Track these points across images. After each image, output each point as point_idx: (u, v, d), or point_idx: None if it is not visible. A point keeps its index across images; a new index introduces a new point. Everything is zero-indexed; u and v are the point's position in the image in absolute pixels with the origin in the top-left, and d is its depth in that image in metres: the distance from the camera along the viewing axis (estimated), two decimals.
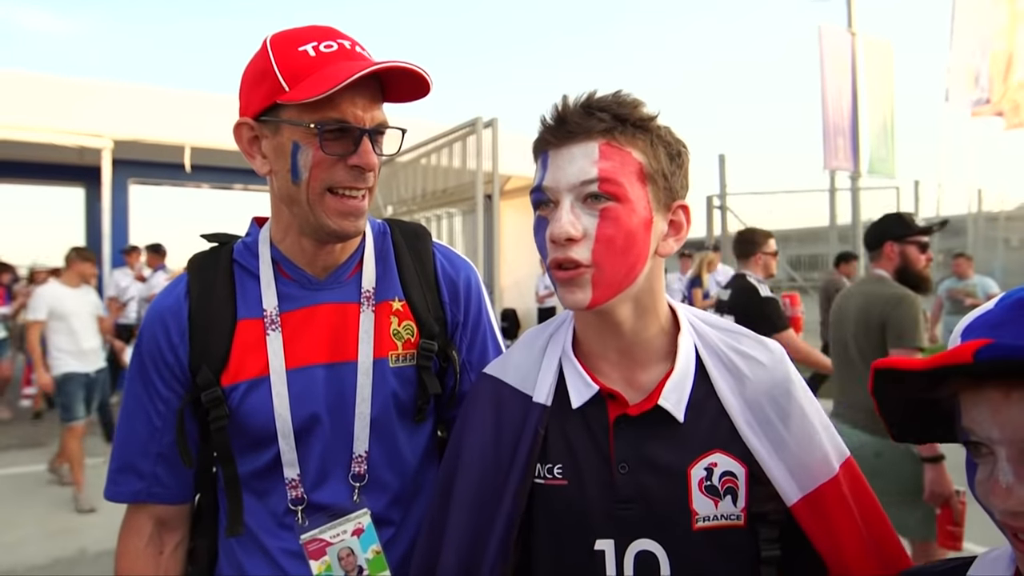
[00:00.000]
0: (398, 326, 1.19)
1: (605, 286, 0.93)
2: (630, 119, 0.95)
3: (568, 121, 0.94)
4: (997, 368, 0.64)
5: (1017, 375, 0.64)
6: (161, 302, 1.17)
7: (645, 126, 0.96)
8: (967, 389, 0.70)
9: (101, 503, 4.03)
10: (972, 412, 0.69)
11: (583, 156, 0.92)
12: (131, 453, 1.16)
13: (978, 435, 0.69)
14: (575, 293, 0.93)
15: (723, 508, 0.95)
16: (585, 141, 0.93)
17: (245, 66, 1.11)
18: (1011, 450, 0.66)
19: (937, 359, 0.66)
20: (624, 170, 0.93)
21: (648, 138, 0.96)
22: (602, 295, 0.94)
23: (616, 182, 0.92)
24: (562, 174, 0.93)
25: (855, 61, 11.43)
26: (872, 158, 11.83)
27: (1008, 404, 0.65)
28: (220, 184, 12.07)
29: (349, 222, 1.09)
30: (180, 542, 1.21)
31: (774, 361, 1.02)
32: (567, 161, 0.93)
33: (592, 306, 0.94)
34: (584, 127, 0.93)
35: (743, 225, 12.13)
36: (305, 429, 1.12)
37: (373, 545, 1.14)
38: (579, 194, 0.92)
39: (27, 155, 9.87)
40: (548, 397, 1.01)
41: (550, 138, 0.95)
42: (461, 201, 6.11)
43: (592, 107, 0.94)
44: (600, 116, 0.93)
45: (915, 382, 0.72)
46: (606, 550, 0.94)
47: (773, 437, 0.96)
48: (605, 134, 0.93)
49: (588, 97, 0.96)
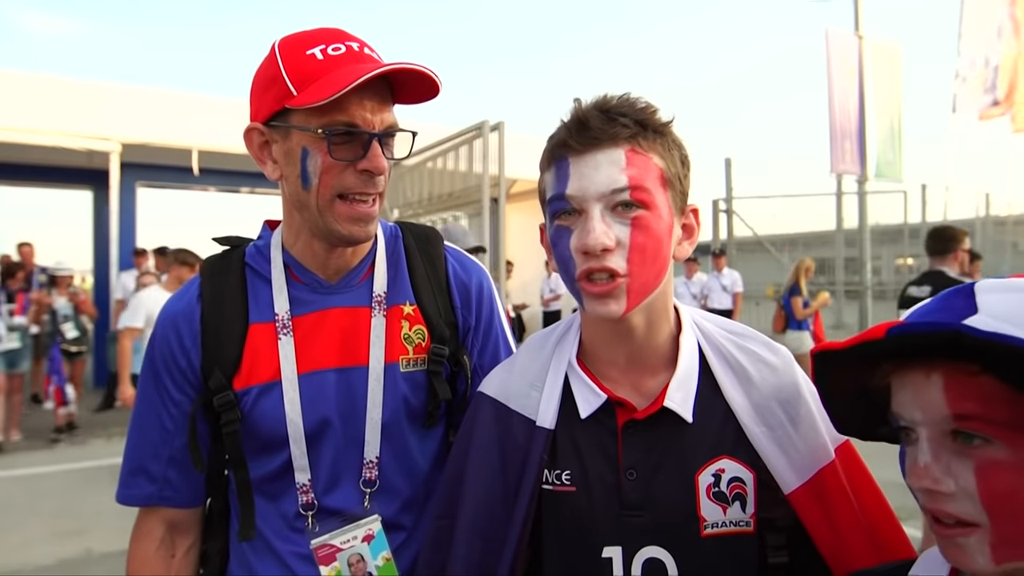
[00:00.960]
0: (409, 330, 1.19)
1: (636, 295, 0.92)
2: (651, 124, 0.94)
3: (591, 126, 0.91)
4: (907, 346, 0.69)
5: (938, 357, 0.68)
6: (173, 306, 1.17)
7: (663, 131, 0.95)
8: (895, 375, 0.73)
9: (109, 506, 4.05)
10: (899, 396, 0.73)
11: (609, 163, 0.90)
12: (143, 456, 1.16)
13: (905, 419, 0.72)
14: (609, 304, 0.92)
15: (732, 514, 0.94)
16: (610, 147, 0.91)
17: (255, 71, 1.11)
18: (931, 431, 0.69)
19: (856, 337, 0.72)
20: (649, 176, 0.91)
21: (665, 143, 0.95)
22: (633, 303, 0.93)
23: (646, 189, 0.90)
24: (589, 182, 0.90)
25: (862, 65, 11.41)
26: (879, 162, 11.81)
27: (928, 385, 0.69)
28: (227, 187, 12.10)
29: (359, 227, 1.09)
30: (191, 545, 1.21)
31: (782, 364, 1.02)
32: (592, 168, 0.90)
33: (625, 315, 0.93)
34: (609, 133, 0.91)
35: (749, 229, 12.15)
36: (316, 434, 1.12)
37: (383, 552, 1.14)
38: (609, 202, 0.90)
39: (35, 158, 9.92)
40: (552, 420, 1.00)
41: (573, 144, 0.92)
42: (467, 204, 6.11)
43: (612, 112, 0.92)
44: (623, 121, 0.91)
45: (850, 366, 0.76)
46: (613, 557, 0.93)
47: (782, 439, 0.96)
48: (630, 140, 0.91)
49: (605, 101, 0.94)
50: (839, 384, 0.80)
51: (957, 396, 0.67)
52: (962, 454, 0.67)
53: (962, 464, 0.66)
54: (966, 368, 0.66)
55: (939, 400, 0.67)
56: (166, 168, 10.81)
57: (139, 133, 9.19)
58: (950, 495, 0.66)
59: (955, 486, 0.66)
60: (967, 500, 0.66)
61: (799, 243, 13.25)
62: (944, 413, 0.67)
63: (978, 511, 0.65)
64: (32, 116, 8.65)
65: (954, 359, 0.67)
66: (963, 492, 0.66)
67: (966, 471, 0.66)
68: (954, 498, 0.66)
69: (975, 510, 0.65)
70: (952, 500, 0.66)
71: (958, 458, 0.67)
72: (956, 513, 0.66)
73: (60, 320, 7.56)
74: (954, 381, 0.67)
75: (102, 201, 10.19)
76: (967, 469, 0.66)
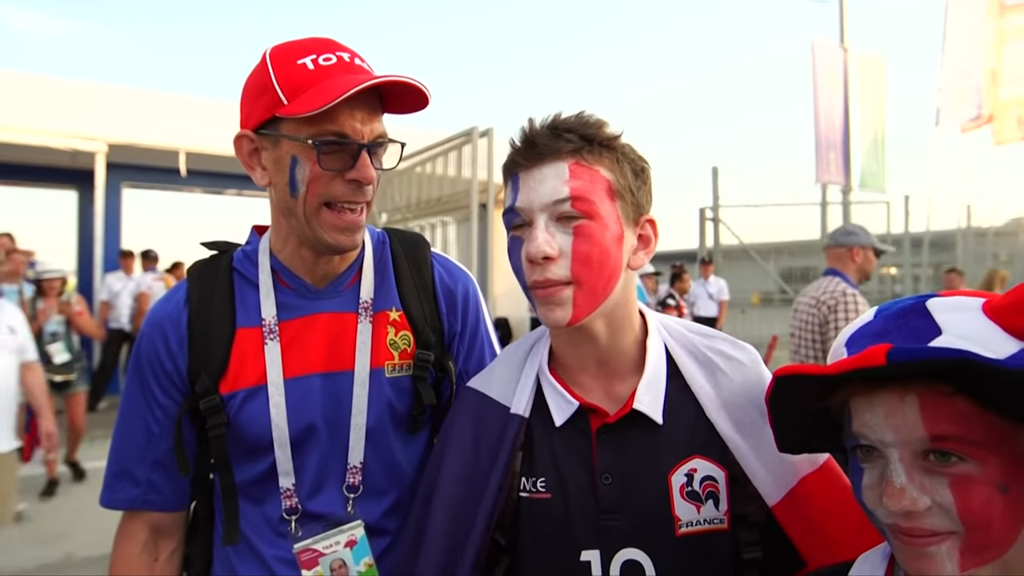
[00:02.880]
0: (395, 336, 1.20)
1: (584, 302, 0.96)
2: (596, 139, 0.98)
3: (537, 143, 0.97)
4: (900, 370, 0.68)
5: (911, 379, 0.68)
6: (160, 309, 1.18)
7: (611, 145, 0.99)
8: (859, 395, 0.73)
9: (90, 509, 4.00)
10: (865, 416, 0.72)
11: (553, 176, 0.95)
12: (127, 459, 1.16)
13: (870, 439, 0.72)
14: (555, 311, 0.95)
15: (705, 513, 0.97)
16: (554, 161, 0.95)
17: (246, 78, 1.12)
18: (904, 451, 0.69)
19: (847, 363, 0.69)
20: (594, 188, 0.95)
21: (614, 156, 0.99)
22: (581, 312, 0.96)
23: (587, 200, 0.94)
24: (534, 194, 0.95)
25: (847, 76, 11.55)
26: (863, 172, 11.94)
27: (902, 407, 0.69)
28: (214, 189, 12.03)
29: (346, 236, 1.10)
30: (175, 549, 1.21)
31: (750, 361, 1.05)
32: (538, 181, 0.95)
33: (572, 323, 0.96)
34: (553, 148, 0.96)
35: (735, 237, 12.22)
36: (302, 439, 1.13)
37: (366, 557, 1.15)
38: (552, 213, 0.95)
39: (19, 157, 9.82)
40: (526, 409, 1.02)
41: (520, 160, 0.98)
42: (456, 210, 6.13)
43: (559, 128, 0.97)
44: (567, 137, 0.96)
45: (812, 390, 0.77)
46: (592, 560, 0.95)
47: (755, 437, 0.98)
48: (574, 154, 0.96)
49: (554, 119, 0.99)
50: (793, 403, 0.81)
51: (933, 417, 0.67)
52: (934, 472, 0.68)
53: (935, 481, 0.68)
54: (941, 389, 0.67)
55: (915, 421, 0.68)
56: (153, 169, 10.73)
57: (125, 133, 9.12)
58: (925, 511, 0.68)
59: (931, 502, 0.68)
60: (943, 514, 0.67)
61: (784, 251, 13.32)
62: (920, 434, 0.68)
63: (954, 523, 0.67)
64: (16, 115, 8.56)
65: (928, 381, 0.68)
66: (939, 507, 0.67)
67: (941, 488, 0.67)
68: (929, 513, 0.68)
69: (951, 522, 0.67)
70: (928, 516, 0.68)
71: (930, 476, 0.68)
72: (932, 527, 0.68)
73: (46, 340, 5.29)
74: (930, 402, 0.68)
75: (87, 201, 10.10)
76: (942, 486, 0.67)
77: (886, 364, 0.66)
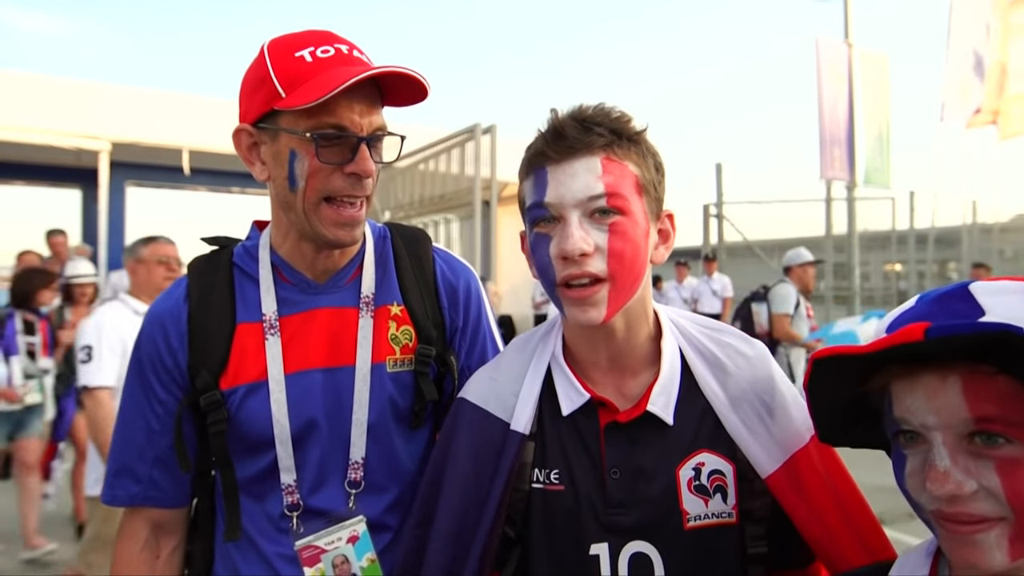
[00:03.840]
0: (396, 331, 1.19)
1: (615, 300, 0.94)
2: (625, 133, 0.96)
3: (567, 136, 0.94)
4: (939, 349, 0.66)
5: (952, 360, 0.67)
6: (160, 305, 1.17)
7: (637, 139, 0.98)
8: (900, 378, 0.71)
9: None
10: (906, 400, 0.71)
11: (586, 171, 0.93)
12: (128, 456, 1.16)
13: (912, 424, 0.70)
14: (589, 311, 0.93)
15: (713, 506, 0.96)
16: (586, 156, 0.93)
17: (244, 72, 1.11)
18: (947, 435, 0.67)
19: (885, 340, 0.68)
20: (624, 183, 0.94)
21: (640, 150, 0.98)
22: (614, 308, 0.95)
23: (621, 196, 0.93)
24: (566, 189, 0.93)
25: (851, 73, 11.51)
26: (868, 168, 11.90)
27: (944, 389, 0.67)
28: (217, 187, 12.06)
29: (345, 232, 1.09)
30: (176, 546, 1.20)
31: (757, 355, 1.04)
32: (569, 176, 0.93)
33: (606, 321, 0.95)
34: (584, 142, 0.93)
35: (739, 234, 12.21)
36: (303, 435, 1.12)
37: (368, 553, 1.14)
38: (586, 209, 0.93)
39: (24, 156, 9.85)
40: (527, 424, 1.01)
41: (550, 153, 0.95)
42: (459, 207, 6.13)
43: (588, 121, 0.95)
44: (598, 131, 0.94)
45: (850, 373, 0.75)
46: (600, 554, 0.95)
47: (757, 428, 0.98)
48: (605, 148, 0.94)
49: (581, 111, 0.97)
50: (832, 389, 0.79)
51: (976, 399, 0.66)
52: (980, 455, 0.66)
53: (981, 464, 0.66)
54: (983, 370, 0.66)
55: (958, 403, 0.66)
56: (156, 167, 10.76)
57: (129, 132, 9.15)
58: (971, 495, 0.66)
59: (977, 485, 0.66)
60: (990, 499, 0.66)
61: (789, 248, 13.30)
62: (963, 416, 0.66)
63: (1002, 507, 0.65)
64: (21, 114, 8.59)
65: (969, 362, 0.66)
66: (985, 492, 0.66)
67: (987, 471, 0.66)
68: (976, 498, 0.66)
69: (999, 507, 0.65)
70: (974, 500, 0.66)
71: (976, 459, 0.67)
72: (979, 513, 0.66)
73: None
74: (973, 383, 0.66)
75: (91, 200, 10.13)
76: (988, 469, 0.66)
77: (924, 340, 0.64)
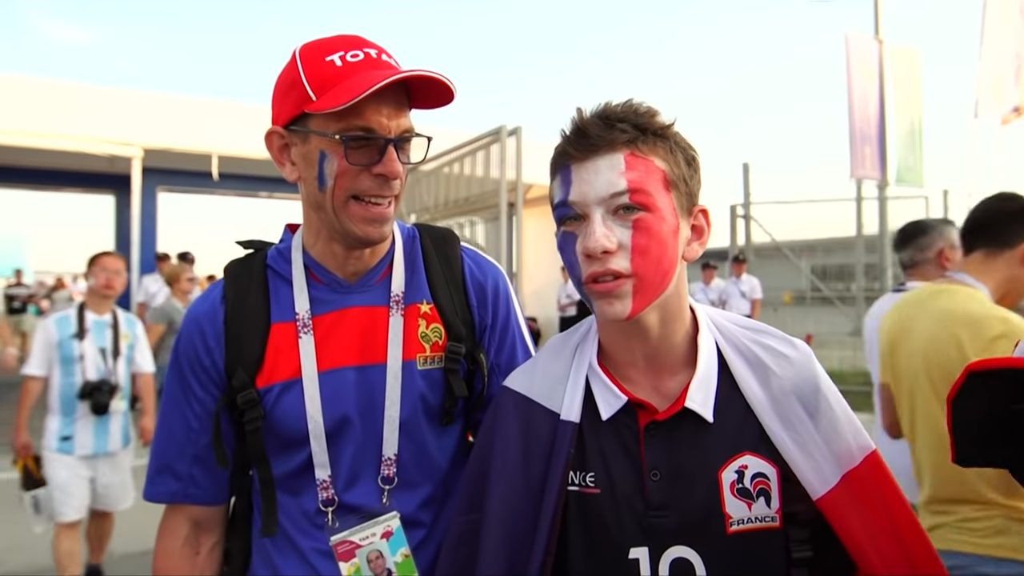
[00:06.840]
0: (426, 329, 1.20)
1: (642, 296, 0.93)
2: (650, 128, 0.95)
3: (589, 134, 0.94)
4: None
5: None
6: (197, 307, 1.20)
7: (664, 134, 0.97)
8: None
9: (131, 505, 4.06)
10: None
11: (609, 168, 0.92)
12: (169, 455, 1.19)
13: None
14: (614, 305, 0.93)
15: (757, 510, 0.94)
16: (609, 153, 0.93)
17: (277, 76, 1.14)
18: None
19: None
20: (650, 179, 0.93)
21: (667, 145, 0.96)
22: (640, 304, 0.94)
23: (645, 192, 0.92)
24: (589, 187, 0.93)
25: (882, 69, 11.32)
26: (900, 167, 11.68)
27: None
28: (246, 192, 12.24)
29: (374, 228, 1.11)
30: (216, 543, 1.23)
31: (801, 358, 1.02)
32: (592, 174, 0.93)
33: (632, 316, 0.94)
34: (607, 139, 0.93)
35: (767, 235, 12.08)
36: (336, 431, 1.14)
37: (402, 548, 1.15)
38: (609, 206, 0.92)
39: (59, 163, 10.11)
40: (577, 414, 1.00)
41: (573, 151, 0.95)
42: (484, 209, 6.14)
43: (611, 118, 0.94)
44: (621, 127, 0.93)
45: (1004, 389, 0.68)
46: (640, 558, 0.94)
47: (802, 434, 0.96)
48: (628, 144, 0.93)
49: (605, 108, 0.96)
50: (979, 406, 0.72)
51: None
52: None
53: None
54: None
55: None
56: (186, 173, 10.96)
57: (160, 138, 9.33)
58: None
59: None
60: None
61: (818, 249, 13.12)
62: None
63: None
64: (56, 122, 8.81)
65: None
66: None
67: None
68: None
69: None
70: None
71: None
72: None
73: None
74: None
75: (124, 205, 10.36)
76: None
77: None
